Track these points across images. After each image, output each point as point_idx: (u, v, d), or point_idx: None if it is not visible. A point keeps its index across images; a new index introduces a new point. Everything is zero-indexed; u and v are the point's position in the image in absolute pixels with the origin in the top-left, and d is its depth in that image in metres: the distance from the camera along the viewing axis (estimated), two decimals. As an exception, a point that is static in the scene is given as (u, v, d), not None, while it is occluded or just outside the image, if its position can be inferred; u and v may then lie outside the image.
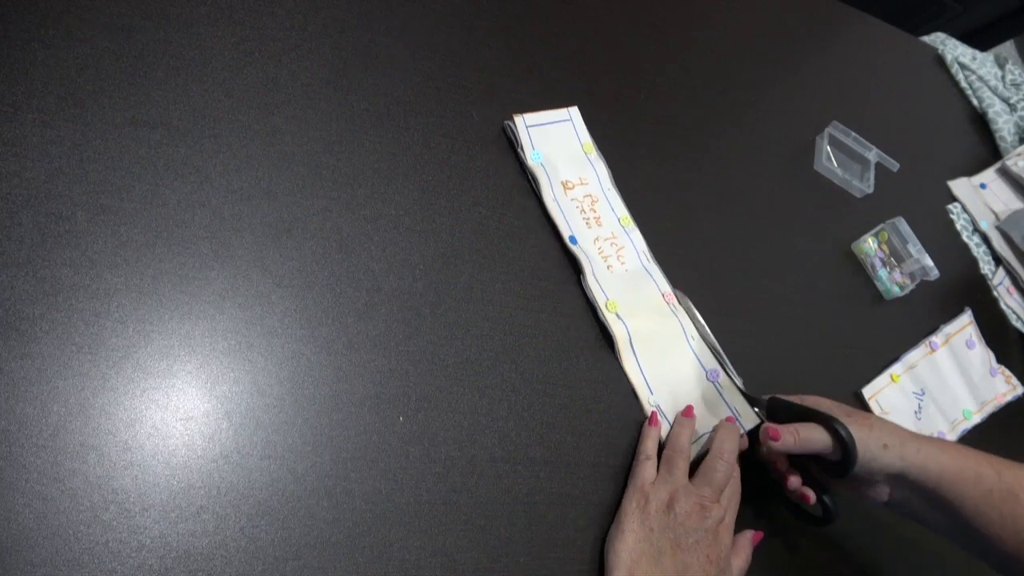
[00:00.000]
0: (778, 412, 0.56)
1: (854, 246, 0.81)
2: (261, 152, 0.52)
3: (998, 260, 0.92)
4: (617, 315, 0.59)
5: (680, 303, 0.63)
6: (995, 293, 0.89)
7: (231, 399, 0.45)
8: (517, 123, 0.63)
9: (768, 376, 0.66)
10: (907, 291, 0.79)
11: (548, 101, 0.68)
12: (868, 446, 0.51)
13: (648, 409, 0.58)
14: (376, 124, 0.58)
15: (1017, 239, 0.91)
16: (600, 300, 0.59)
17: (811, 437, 0.52)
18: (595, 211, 0.64)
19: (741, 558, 0.52)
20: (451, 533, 0.47)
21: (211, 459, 0.43)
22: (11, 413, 0.40)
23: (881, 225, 0.80)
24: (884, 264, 0.79)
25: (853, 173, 0.85)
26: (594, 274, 0.60)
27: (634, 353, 0.59)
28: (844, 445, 0.51)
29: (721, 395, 0.60)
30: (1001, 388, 0.79)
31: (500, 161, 0.62)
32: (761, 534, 0.55)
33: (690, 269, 0.67)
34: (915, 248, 0.78)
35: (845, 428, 0.51)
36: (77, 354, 0.42)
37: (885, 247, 0.79)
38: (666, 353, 0.60)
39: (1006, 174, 0.99)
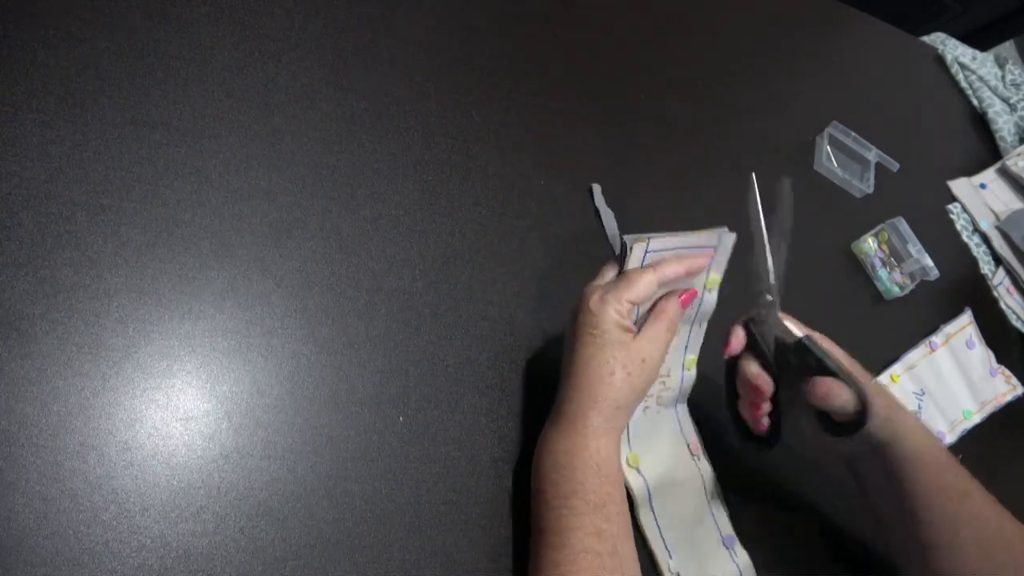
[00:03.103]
0: (804, 356, 0.52)
1: (854, 246, 0.81)
2: (261, 152, 0.52)
3: (998, 260, 0.92)
4: (637, 470, 0.53)
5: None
6: (995, 293, 0.88)
7: (231, 399, 0.45)
8: (635, 249, 0.48)
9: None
10: (907, 291, 0.79)
11: (548, 100, 0.68)
12: (876, 421, 0.50)
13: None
14: (376, 124, 0.58)
15: (1017, 239, 0.91)
16: (621, 452, 0.52)
17: (840, 396, 0.50)
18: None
19: (659, 324, 0.49)
20: (451, 533, 0.47)
21: (211, 459, 0.43)
22: (11, 413, 0.40)
23: (881, 225, 0.80)
24: (884, 264, 0.79)
25: (853, 173, 0.85)
26: (627, 423, 0.52)
27: (652, 510, 0.53)
28: (863, 416, 0.50)
29: (737, 566, 0.54)
30: (1001, 388, 0.79)
31: (500, 160, 0.62)
32: (691, 294, 0.51)
33: (690, 269, 0.67)
34: (915, 248, 0.78)
35: (868, 398, 0.49)
36: (77, 354, 0.42)
37: (885, 247, 0.79)
38: (686, 511, 0.54)
39: (1006, 174, 0.99)
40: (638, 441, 0.54)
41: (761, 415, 0.53)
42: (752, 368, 0.53)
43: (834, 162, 0.85)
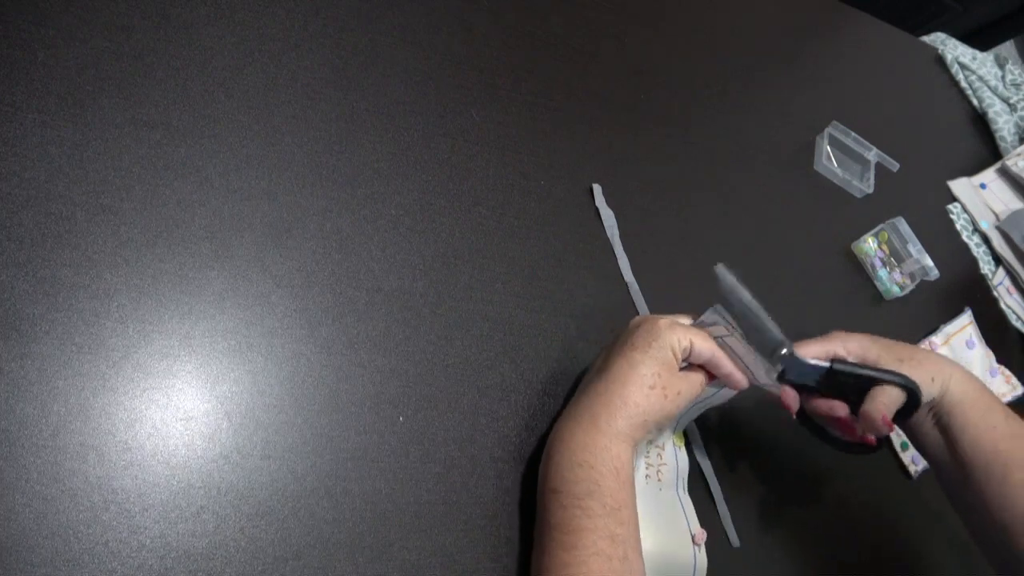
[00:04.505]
0: (841, 378, 0.52)
1: (854, 246, 0.81)
2: (261, 152, 0.52)
3: (998, 260, 0.92)
4: None
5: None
6: (995, 293, 0.89)
7: (231, 399, 0.45)
8: (714, 329, 0.51)
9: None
10: (907, 291, 0.79)
11: (548, 100, 0.68)
12: (925, 387, 0.52)
13: None
14: (376, 124, 0.58)
15: (1017, 239, 0.91)
16: None
17: (894, 404, 0.51)
18: None
19: (697, 373, 0.51)
20: (451, 533, 0.47)
21: (211, 459, 0.43)
22: (11, 413, 0.40)
23: (881, 225, 0.80)
24: (884, 264, 0.79)
25: (853, 173, 0.85)
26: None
27: None
28: (914, 400, 0.51)
29: None
30: (1001, 388, 0.79)
31: (500, 160, 0.62)
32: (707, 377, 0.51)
33: (689, 268, 0.67)
34: (915, 248, 0.78)
35: (913, 383, 0.51)
36: (77, 354, 0.42)
37: (885, 247, 0.79)
38: None
39: (1006, 174, 0.99)
40: (640, 508, 0.51)
41: (858, 429, 0.54)
42: (820, 406, 0.54)
43: (834, 162, 0.85)
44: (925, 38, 1.13)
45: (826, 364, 0.51)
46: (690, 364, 0.51)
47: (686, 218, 0.71)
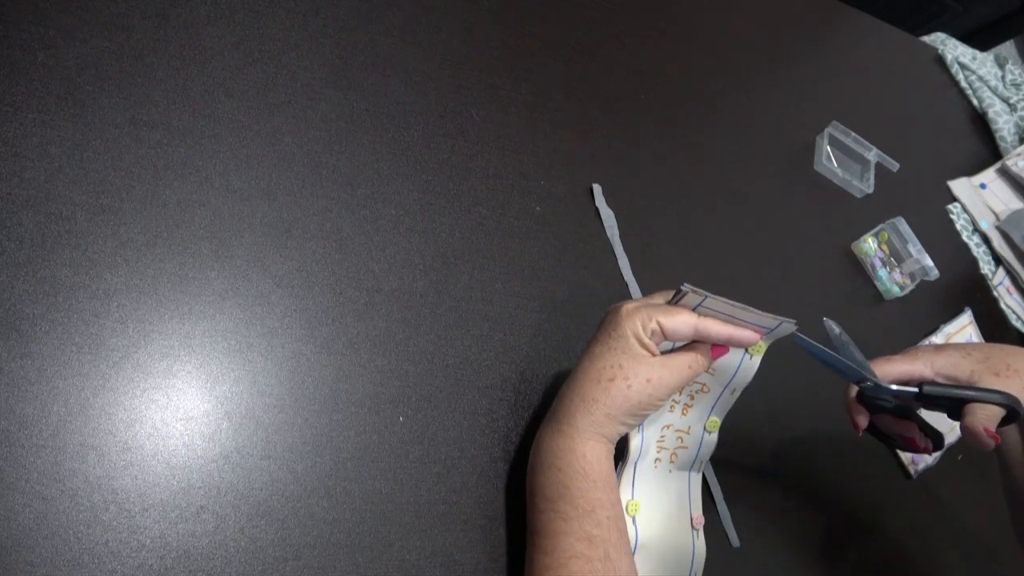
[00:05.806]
0: (932, 399, 0.52)
1: (854, 246, 0.81)
2: (261, 152, 0.52)
3: (998, 260, 0.92)
4: (633, 519, 0.51)
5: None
6: (995, 293, 0.89)
7: (231, 399, 0.45)
8: (688, 297, 0.46)
9: (767, 375, 0.66)
10: (907, 291, 0.79)
11: (548, 100, 0.68)
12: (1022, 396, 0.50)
13: None
14: (376, 124, 0.58)
15: (1017, 239, 0.91)
16: (623, 497, 0.50)
17: (994, 419, 0.50)
18: (692, 399, 0.53)
19: (682, 356, 0.47)
20: (451, 533, 0.47)
21: (211, 459, 0.43)
22: (11, 413, 0.40)
23: (881, 225, 0.80)
24: (884, 264, 0.79)
25: (853, 173, 0.85)
26: (635, 465, 0.51)
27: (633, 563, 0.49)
28: (1013, 415, 0.50)
29: None
30: (1001, 388, 0.79)
31: (500, 160, 0.62)
32: (725, 349, 0.49)
33: (689, 269, 0.67)
34: (915, 248, 0.78)
35: (1013, 400, 0.49)
36: (77, 354, 0.42)
37: (885, 247, 0.79)
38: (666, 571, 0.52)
39: (1006, 174, 0.99)
40: (642, 491, 0.52)
41: (920, 444, 0.54)
42: (892, 425, 0.54)
43: (834, 162, 0.85)
44: (925, 38, 1.14)
45: (914, 390, 0.51)
46: (689, 344, 0.48)
47: (686, 218, 0.71)
